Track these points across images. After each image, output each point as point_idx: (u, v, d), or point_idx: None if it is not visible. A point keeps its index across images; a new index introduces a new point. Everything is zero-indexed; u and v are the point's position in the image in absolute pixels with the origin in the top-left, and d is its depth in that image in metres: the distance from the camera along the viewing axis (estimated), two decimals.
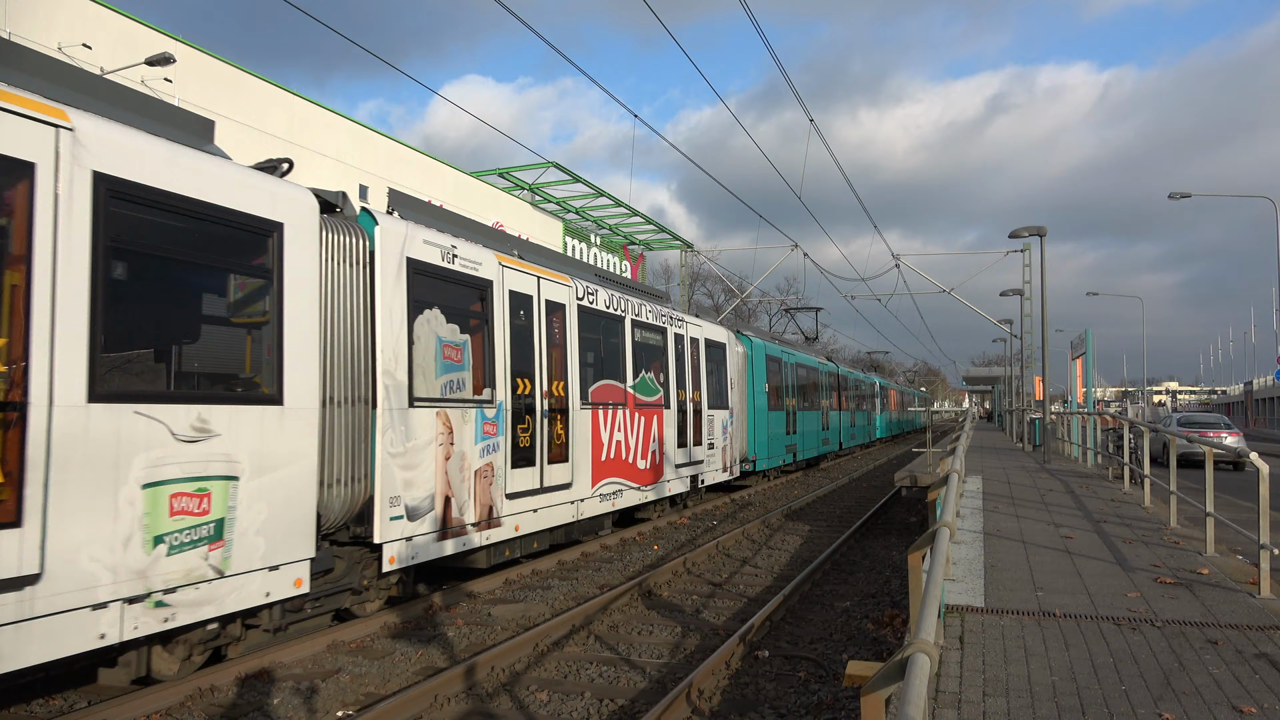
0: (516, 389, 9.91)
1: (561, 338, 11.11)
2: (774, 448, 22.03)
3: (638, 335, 13.53)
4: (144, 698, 6.11)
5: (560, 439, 10.87)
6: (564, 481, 10.97)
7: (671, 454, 14.72)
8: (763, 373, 21.21)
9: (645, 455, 13.63)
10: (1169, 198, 34.95)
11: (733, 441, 18.40)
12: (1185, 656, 5.06)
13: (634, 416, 13.27)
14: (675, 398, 14.94)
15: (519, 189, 34.68)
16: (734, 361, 19.04)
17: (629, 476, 13.05)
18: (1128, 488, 13.66)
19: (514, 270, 10.07)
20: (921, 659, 2.48)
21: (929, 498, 8.87)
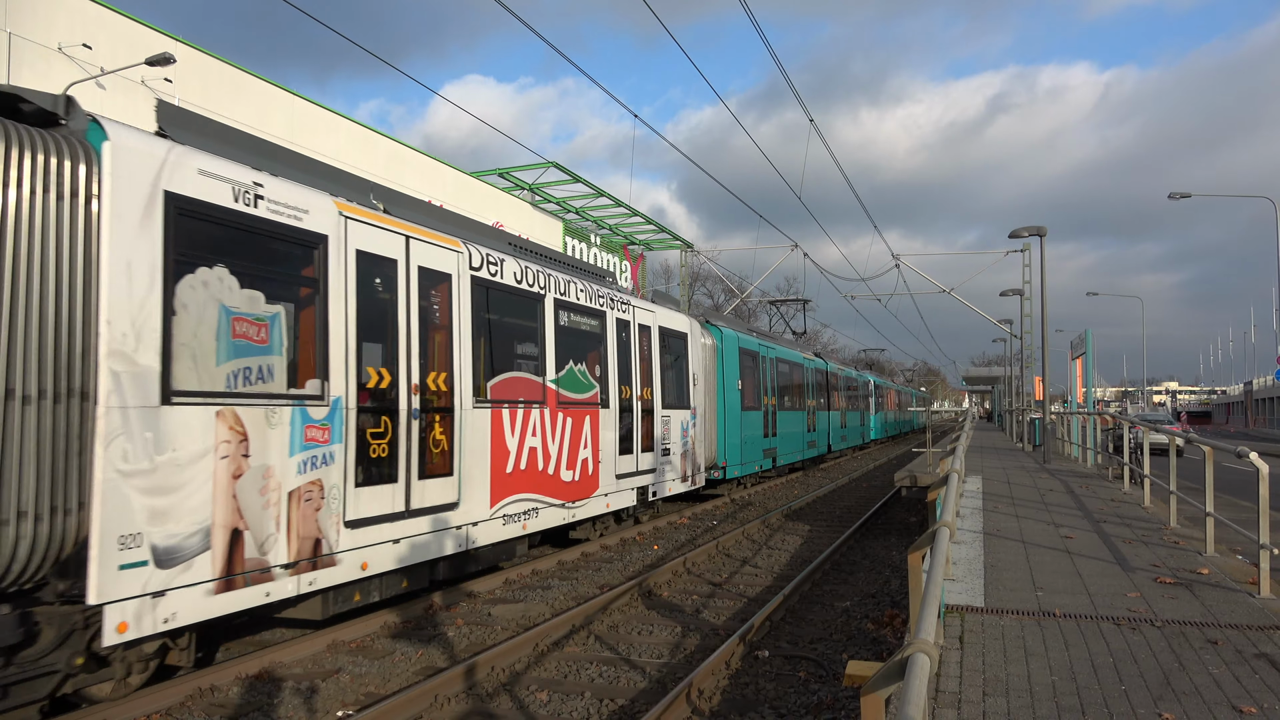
0: (368, 382, 7.74)
1: (446, 317, 8.92)
2: (749, 452, 19.87)
3: (564, 319, 11.29)
4: (144, 697, 6.11)
5: (442, 447, 8.65)
6: (446, 501, 8.69)
7: (611, 462, 12.48)
8: (735, 368, 18.94)
9: (573, 464, 11.35)
10: (1169, 198, 34.98)
11: (696, 446, 16.18)
12: (1185, 656, 5.06)
13: (557, 418, 10.96)
14: (617, 395, 12.70)
15: (519, 189, 34.68)
16: (699, 354, 16.71)
17: (548, 491, 10.75)
18: (1127, 488, 13.66)
19: (365, 225, 7.79)
20: (921, 659, 2.48)
21: (929, 498, 8.87)
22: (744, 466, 19.37)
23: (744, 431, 19.29)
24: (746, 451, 19.56)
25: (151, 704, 6.11)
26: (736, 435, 18.76)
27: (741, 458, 19.09)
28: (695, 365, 16.40)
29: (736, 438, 18.75)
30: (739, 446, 18.91)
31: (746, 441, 19.56)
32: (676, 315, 15.81)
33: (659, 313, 14.81)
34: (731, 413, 18.52)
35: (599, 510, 12.29)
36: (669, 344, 15.09)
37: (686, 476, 15.70)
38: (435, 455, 8.60)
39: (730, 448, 18.42)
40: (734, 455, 18.64)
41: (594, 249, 37.63)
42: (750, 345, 20.48)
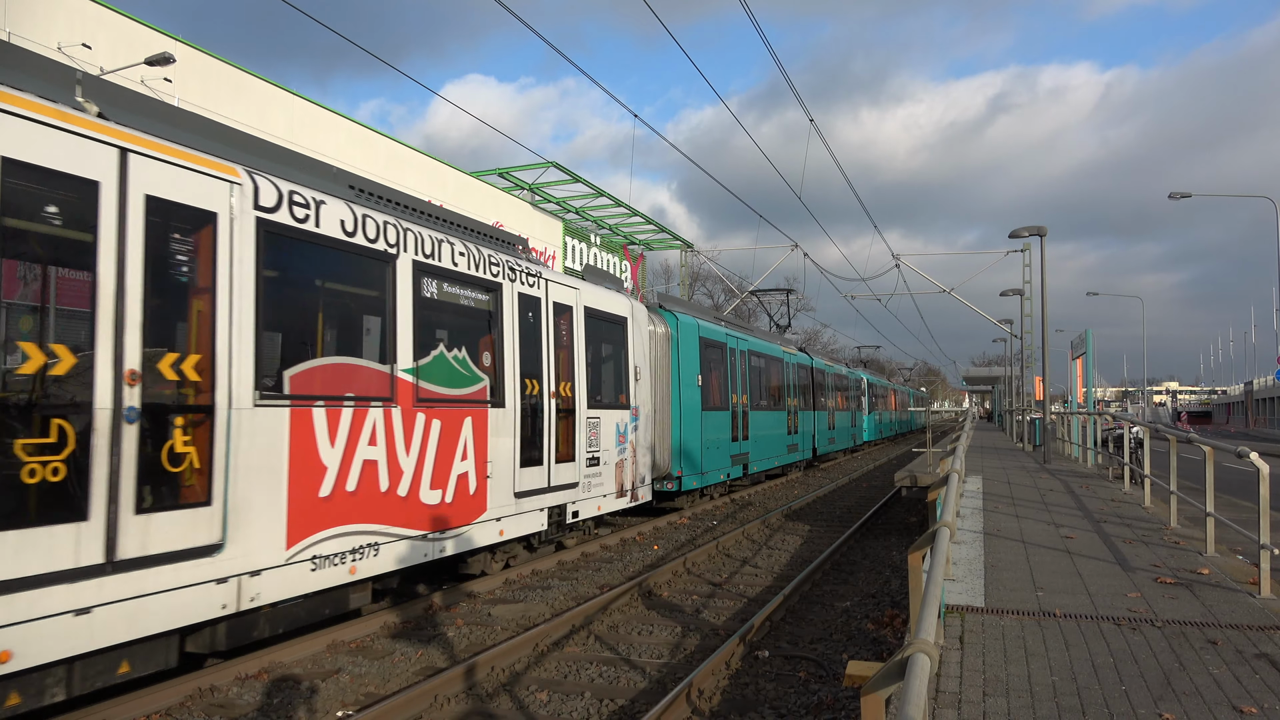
0: (18, 366, 5.13)
1: (207, 275, 6.32)
2: (712, 458, 17.11)
3: (430, 289, 8.64)
4: (144, 697, 6.11)
5: (189, 464, 6.03)
6: (195, 544, 6.02)
7: (507, 476, 9.73)
8: (694, 360, 16.26)
9: (442, 481, 8.61)
10: (1169, 197, 34.99)
11: (638, 453, 13.47)
12: (1185, 656, 5.06)
13: (414, 420, 8.20)
14: (517, 391, 10.00)
15: (519, 189, 34.68)
16: (643, 343, 13.94)
17: (397, 519, 7.95)
18: (1128, 488, 13.66)
19: (26, 122, 5.17)
20: (921, 659, 2.48)
21: (929, 498, 8.86)
22: (705, 476, 16.70)
23: (706, 435, 16.70)
24: (709, 458, 16.89)
25: (151, 704, 6.11)
26: (696, 439, 16.19)
27: (702, 465, 16.49)
28: (638, 356, 13.68)
29: (695, 442, 16.18)
30: (698, 452, 16.29)
31: (709, 446, 16.89)
32: (612, 295, 13.03)
33: (585, 290, 11.99)
34: (689, 413, 15.97)
35: (489, 538, 9.46)
36: (600, 329, 12.48)
37: (624, 490, 12.89)
38: (175, 477, 5.93)
39: (687, 454, 15.83)
40: (691, 463, 16.03)
41: (594, 249, 37.64)
42: (715, 335, 17.83)
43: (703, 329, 17.10)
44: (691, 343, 16.34)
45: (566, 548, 12.08)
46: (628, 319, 13.41)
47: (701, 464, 16.43)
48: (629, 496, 13.18)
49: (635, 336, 13.65)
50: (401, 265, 8.25)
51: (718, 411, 17.61)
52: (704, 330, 17.18)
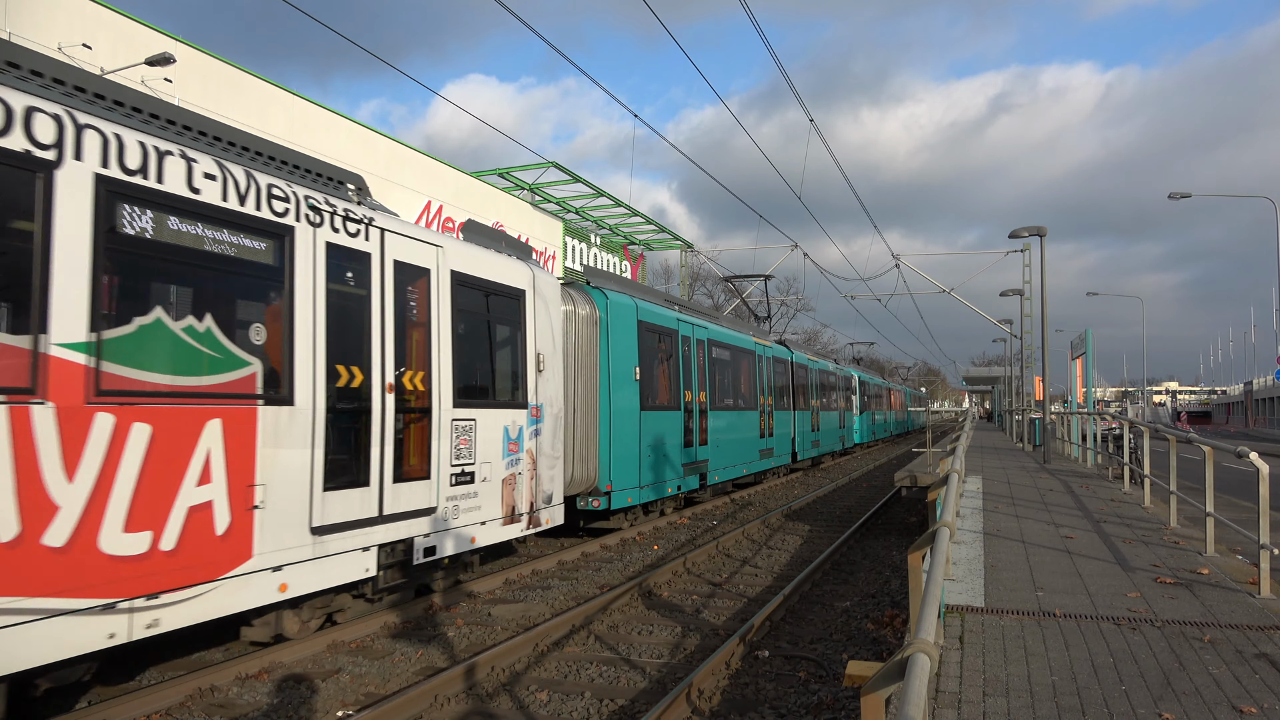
0: None
1: None
2: (657, 467, 14.39)
3: (138, 223, 5.95)
4: (144, 697, 6.11)
5: None
6: None
7: (295, 505, 6.95)
8: (631, 349, 13.51)
9: (150, 520, 5.82)
10: (1169, 198, 34.99)
11: (539, 465, 10.52)
12: (1185, 656, 5.06)
13: (91, 425, 5.50)
14: (317, 382, 7.20)
15: (519, 189, 34.70)
16: (553, 325, 11.06)
17: (37, 584, 5.17)
18: (1128, 488, 13.66)
19: None
20: (921, 659, 2.48)
21: (929, 498, 8.87)
22: (647, 490, 13.96)
23: (648, 440, 13.94)
24: (652, 467, 14.17)
25: (151, 704, 6.11)
26: (632, 445, 13.40)
27: (642, 477, 13.73)
28: (544, 341, 10.79)
29: (632, 449, 13.38)
30: (635, 461, 13.48)
31: (652, 454, 14.14)
32: (502, 260, 10.13)
33: (453, 250, 9.07)
34: (624, 413, 13.25)
35: (257, 598, 6.63)
36: (481, 304, 9.70)
37: (517, 513, 10.04)
38: None
39: (620, 463, 13.02)
40: (627, 474, 13.21)
41: (594, 249, 37.66)
42: (662, 319, 15.00)
43: (644, 311, 14.34)
44: (627, 328, 13.58)
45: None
46: (526, 292, 10.39)
47: (640, 475, 13.72)
48: (525, 521, 10.18)
49: (539, 316, 10.71)
50: (67, 180, 5.46)
51: (665, 412, 14.93)
52: (646, 313, 14.40)
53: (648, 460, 14.04)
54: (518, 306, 10.37)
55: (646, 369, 14.28)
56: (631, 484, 13.44)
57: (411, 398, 8.39)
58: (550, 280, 11.29)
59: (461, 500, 9.05)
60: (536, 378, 10.62)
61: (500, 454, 9.75)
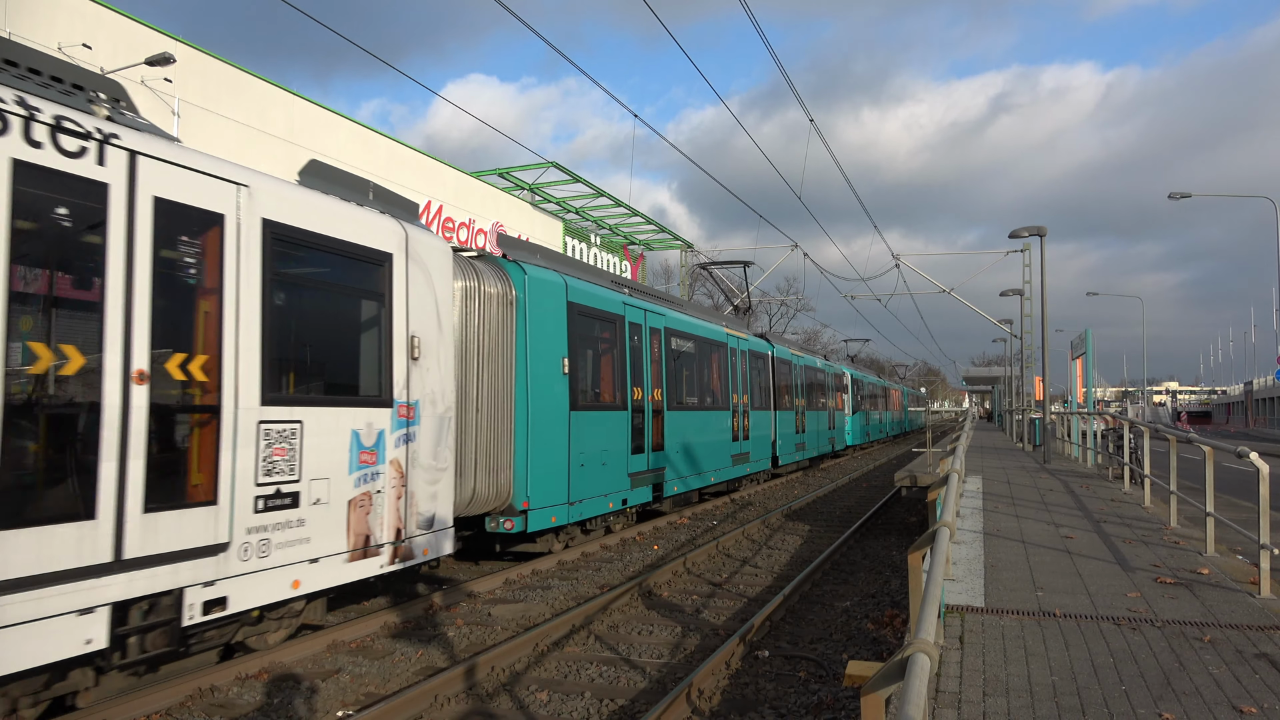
0: None
1: None
2: (592, 478, 12.09)
3: None
4: (144, 697, 6.11)
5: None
6: None
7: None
8: (559, 336, 11.30)
9: None
10: (1169, 198, 34.99)
11: (412, 479, 8.27)
12: (1185, 656, 5.06)
13: None
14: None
15: (519, 189, 34.71)
16: (437, 302, 8.78)
17: None
18: (1128, 488, 13.66)
19: None
20: (921, 659, 2.48)
21: (929, 498, 8.87)
22: (580, 506, 11.76)
23: (580, 445, 11.67)
24: (585, 479, 11.89)
25: (151, 704, 6.11)
26: (559, 453, 11.18)
27: (573, 491, 11.52)
28: (423, 321, 8.54)
29: (559, 457, 11.17)
30: (564, 472, 11.28)
31: (585, 462, 11.83)
32: (351, 212, 7.78)
33: (266, 192, 6.93)
34: (548, 414, 10.98)
35: None
36: (318, 267, 7.62)
37: (374, 544, 7.74)
38: None
39: (543, 475, 10.79)
40: (551, 487, 10.99)
41: (594, 249, 37.67)
42: (601, 302, 12.74)
43: (578, 291, 12.01)
44: (553, 310, 11.32)
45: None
46: (394, 257, 8.11)
47: (571, 488, 11.46)
48: (389, 554, 7.85)
49: (416, 289, 8.42)
50: None
51: (605, 412, 12.69)
52: (580, 294, 12.08)
53: (581, 470, 11.76)
54: (380, 275, 8.03)
55: (580, 361, 12.04)
56: (558, 499, 11.18)
57: (186, 391, 6.18)
58: (435, 245, 8.90)
59: (276, 531, 6.76)
60: (409, 368, 8.30)
61: (345, 467, 7.41)
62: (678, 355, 15.75)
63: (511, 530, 10.47)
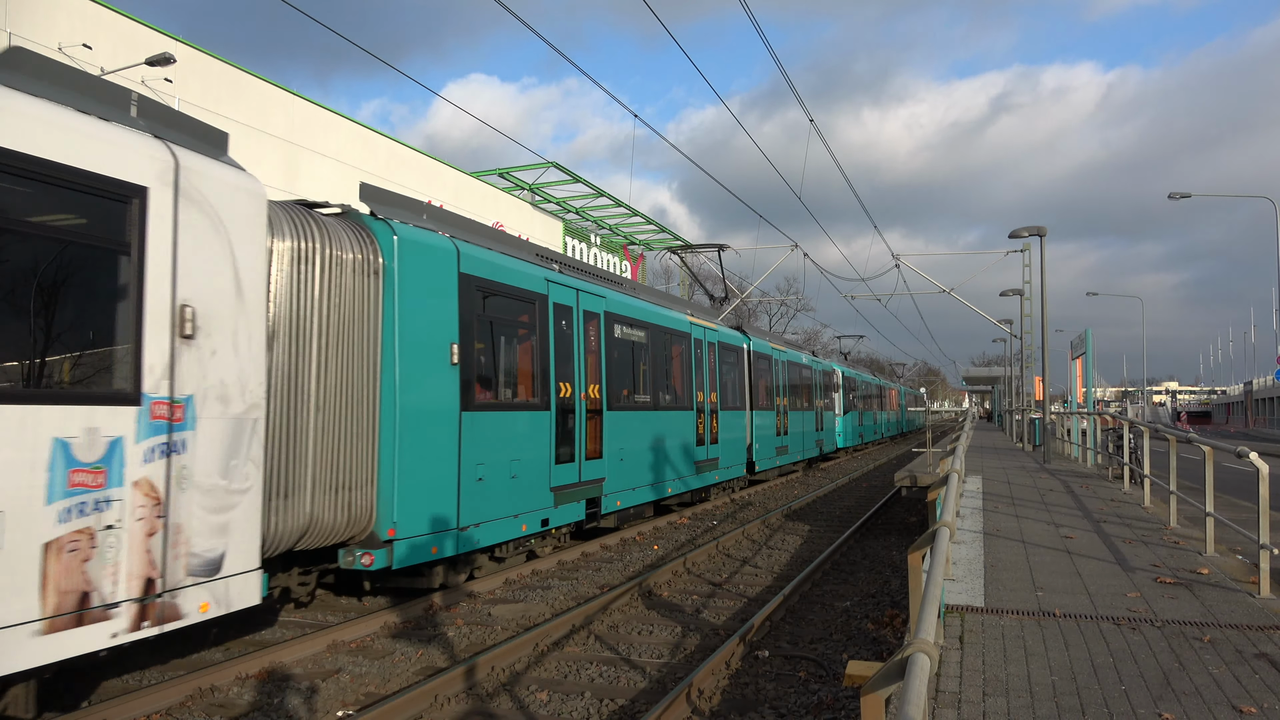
0: None
1: None
2: (504, 495, 9.86)
3: None
4: (144, 697, 6.12)
5: None
6: None
7: None
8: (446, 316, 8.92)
9: None
10: (1169, 198, 35.01)
11: (192, 506, 6.05)
12: (1185, 656, 5.06)
13: None
14: None
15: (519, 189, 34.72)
16: (243, 262, 6.57)
17: None
18: (1128, 488, 13.66)
19: None
20: (921, 659, 2.48)
21: (929, 498, 8.87)
22: (475, 531, 9.33)
23: (477, 454, 9.27)
24: (486, 497, 9.51)
25: (151, 704, 6.11)
26: (444, 464, 8.82)
27: (464, 513, 9.12)
28: (206, 284, 6.30)
29: (444, 469, 8.81)
30: (452, 487, 8.91)
31: (484, 476, 9.40)
32: (66, 121, 5.45)
33: None
34: (426, 415, 8.63)
35: None
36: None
37: (100, 605, 5.38)
38: None
39: (418, 492, 8.44)
40: (431, 508, 8.64)
41: (594, 249, 37.68)
42: (514, 277, 10.25)
43: (474, 262, 9.47)
44: (438, 283, 8.93)
45: None
46: (148, 192, 5.84)
47: (461, 509, 9.01)
48: (127, 617, 5.52)
49: (195, 240, 6.16)
50: None
51: (516, 412, 10.26)
52: (478, 264, 9.54)
53: (480, 485, 9.34)
54: (124, 217, 5.74)
55: (478, 348, 9.57)
56: (442, 523, 8.69)
57: None
58: (234, 183, 6.57)
59: None
60: (175, 349, 5.98)
61: (36, 494, 5.06)
62: (621, 344, 13.30)
63: (370, 566, 8.04)
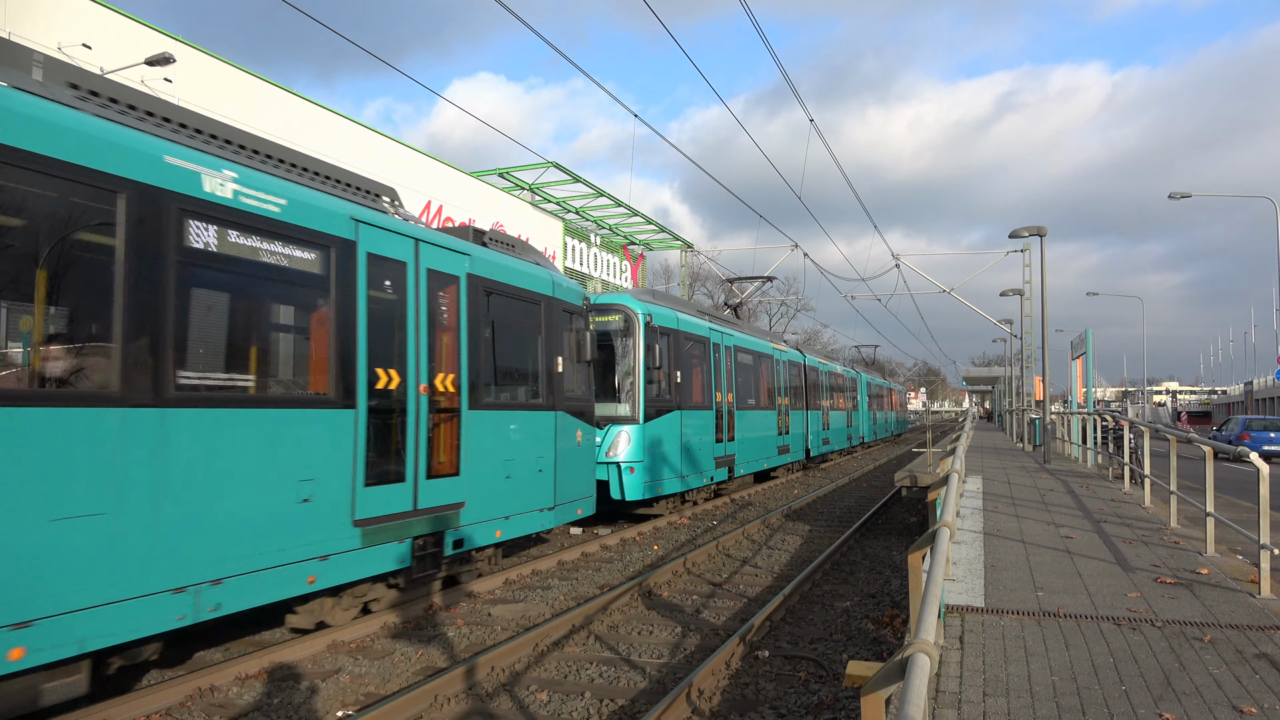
0: None
1: None
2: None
3: None
4: (144, 697, 6.11)
5: None
6: None
7: None
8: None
9: None
10: (1169, 198, 34.98)
11: None
12: (1186, 656, 5.06)
13: None
14: None
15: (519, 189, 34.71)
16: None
17: None
18: (1128, 488, 13.66)
19: None
20: (922, 659, 2.48)
21: (929, 498, 8.86)
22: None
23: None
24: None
25: (151, 704, 6.11)
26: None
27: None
28: None
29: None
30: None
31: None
32: None
33: None
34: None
35: None
36: None
37: None
38: None
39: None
40: None
41: (594, 249, 37.68)
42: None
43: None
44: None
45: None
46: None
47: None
48: None
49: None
50: None
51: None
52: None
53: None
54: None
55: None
56: None
57: None
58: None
59: None
60: None
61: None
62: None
63: None
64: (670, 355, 14.25)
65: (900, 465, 25.66)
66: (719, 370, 17.08)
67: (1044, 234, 20.48)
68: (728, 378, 17.61)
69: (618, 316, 14.32)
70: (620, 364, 14.23)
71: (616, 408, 13.94)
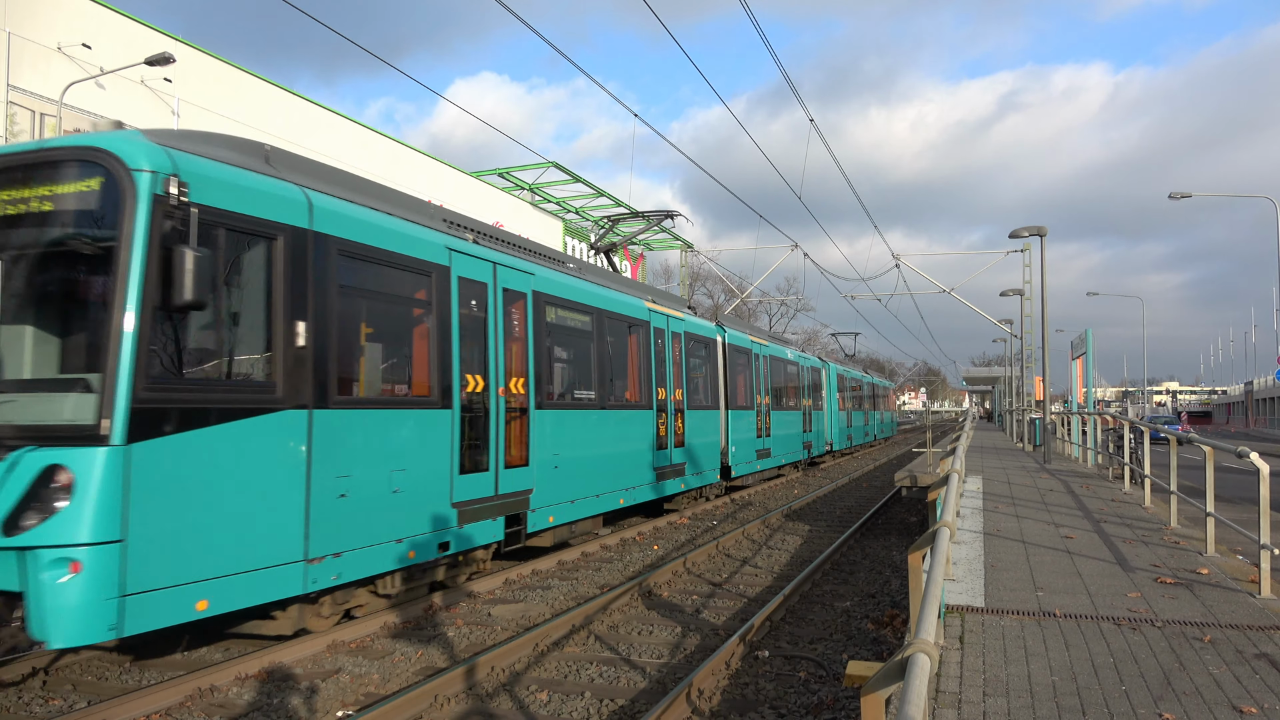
0: None
1: None
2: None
3: None
4: (144, 697, 6.11)
5: None
6: None
7: None
8: None
9: None
10: (1169, 198, 34.99)
11: None
12: (1185, 656, 5.06)
13: None
14: None
15: (519, 189, 34.72)
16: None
17: None
18: (1128, 488, 13.66)
19: None
20: (922, 659, 2.48)
21: (929, 498, 8.87)
22: None
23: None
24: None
25: (151, 704, 6.11)
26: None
27: None
28: None
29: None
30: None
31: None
32: None
33: None
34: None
35: None
36: None
37: None
38: None
39: None
40: None
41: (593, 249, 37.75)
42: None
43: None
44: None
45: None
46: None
47: None
48: None
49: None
50: None
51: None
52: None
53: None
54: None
55: None
56: None
57: None
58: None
59: None
60: None
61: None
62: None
63: None
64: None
65: (900, 465, 25.66)
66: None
67: (1044, 234, 20.48)
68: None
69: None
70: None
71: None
